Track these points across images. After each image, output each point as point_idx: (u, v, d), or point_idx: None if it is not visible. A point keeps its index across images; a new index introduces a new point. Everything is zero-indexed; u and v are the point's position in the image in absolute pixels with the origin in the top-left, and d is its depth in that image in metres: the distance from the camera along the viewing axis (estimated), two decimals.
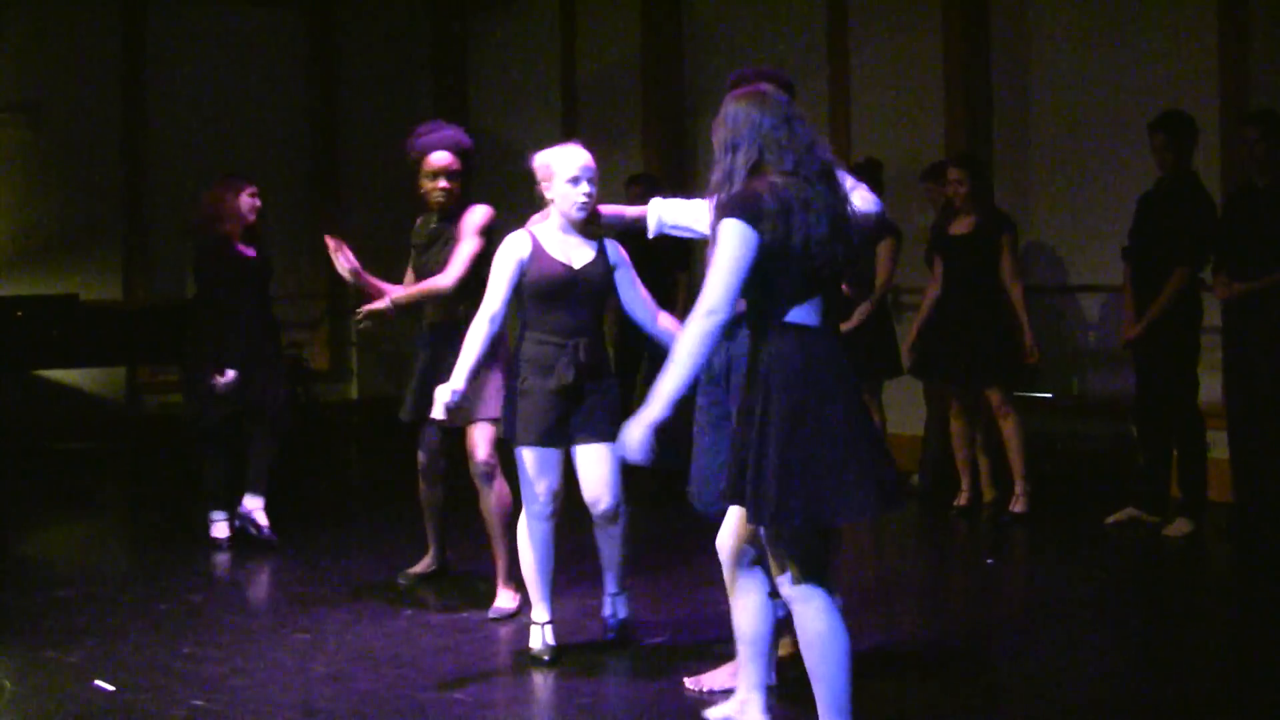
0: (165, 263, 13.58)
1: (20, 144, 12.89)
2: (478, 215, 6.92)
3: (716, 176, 4.58)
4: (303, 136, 14.38)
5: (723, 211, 4.46)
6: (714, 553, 5.12)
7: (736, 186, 4.51)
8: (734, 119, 4.59)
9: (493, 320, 5.92)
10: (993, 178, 9.86)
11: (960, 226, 9.02)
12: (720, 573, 5.12)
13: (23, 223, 12.84)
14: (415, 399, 6.95)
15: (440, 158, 7.01)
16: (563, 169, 5.86)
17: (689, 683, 5.62)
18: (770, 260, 4.43)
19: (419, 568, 7.50)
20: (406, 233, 7.46)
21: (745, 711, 5.04)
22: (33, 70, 12.96)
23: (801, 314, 4.49)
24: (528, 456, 5.95)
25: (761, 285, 4.48)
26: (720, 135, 4.61)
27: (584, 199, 5.84)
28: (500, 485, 6.77)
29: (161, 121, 13.49)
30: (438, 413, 5.86)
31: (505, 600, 6.78)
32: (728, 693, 5.29)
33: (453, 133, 7.12)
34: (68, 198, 13.07)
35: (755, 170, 4.52)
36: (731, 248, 4.41)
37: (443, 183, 7.01)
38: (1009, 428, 8.93)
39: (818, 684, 4.57)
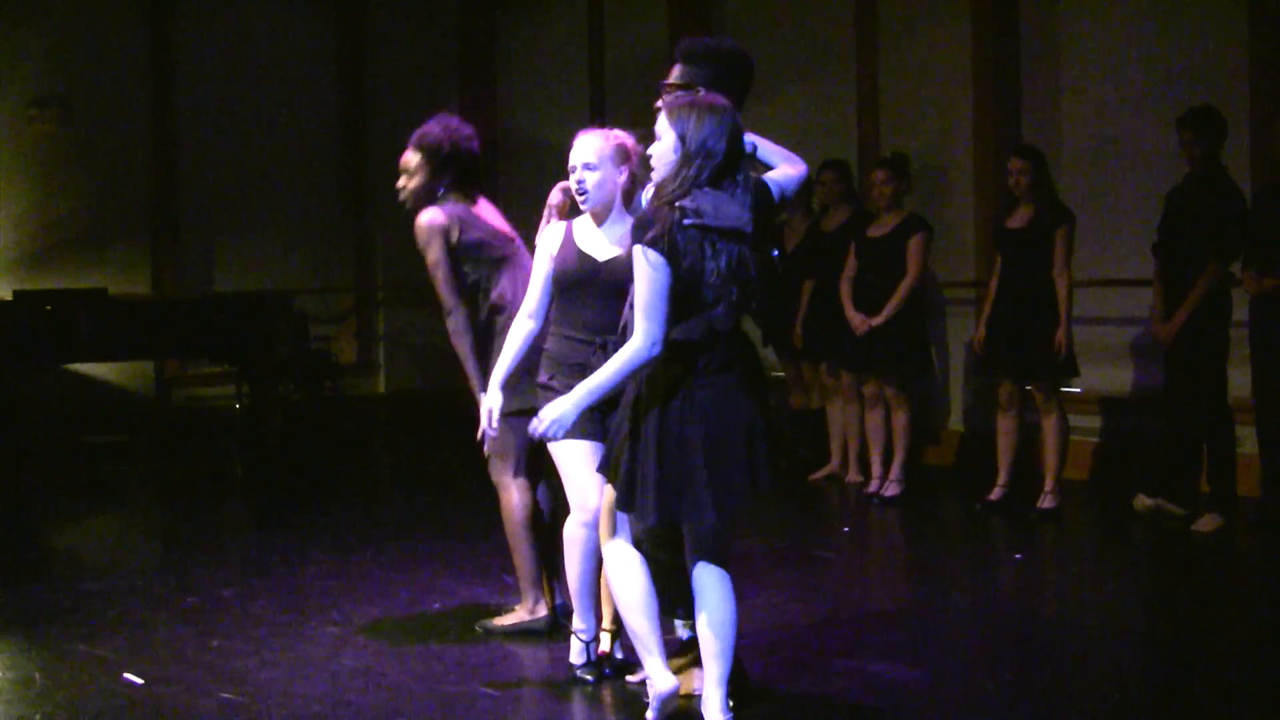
0: (194, 257, 13.63)
1: (50, 138, 12.93)
2: (419, 232, 6.44)
3: (667, 178, 4.82)
4: (331, 130, 14.41)
5: (648, 241, 4.73)
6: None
7: (679, 198, 4.75)
8: (702, 126, 4.80)
9: (532, 317, 5.75)
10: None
11: (1017, 219, 8.96)
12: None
13: (52, 217, 12.88)
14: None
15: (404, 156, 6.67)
16: (571, 158, 5.64)
17: (631, 679, 5.66)
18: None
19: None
20: None
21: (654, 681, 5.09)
22: (62, 65, 12.99)
23: (682, 331, 4.81)
24: (563, 451, 5.64)
25: None
26: (683, 130, 4.81)
27: (577, 189, 5.62)
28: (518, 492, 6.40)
29: (190, 116, 13.53)
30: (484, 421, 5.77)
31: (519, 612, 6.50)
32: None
33: (427, 125, 6.67)
34: (97, 192, 13.11)
35: (695, 185, 4.77)
36: (655, 279, 4.73)
37: (400, 180, 6.72)
38: (1050, 424, 8.90)
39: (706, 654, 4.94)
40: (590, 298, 5.64)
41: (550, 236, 5.77)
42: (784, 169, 5.20)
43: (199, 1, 13.64)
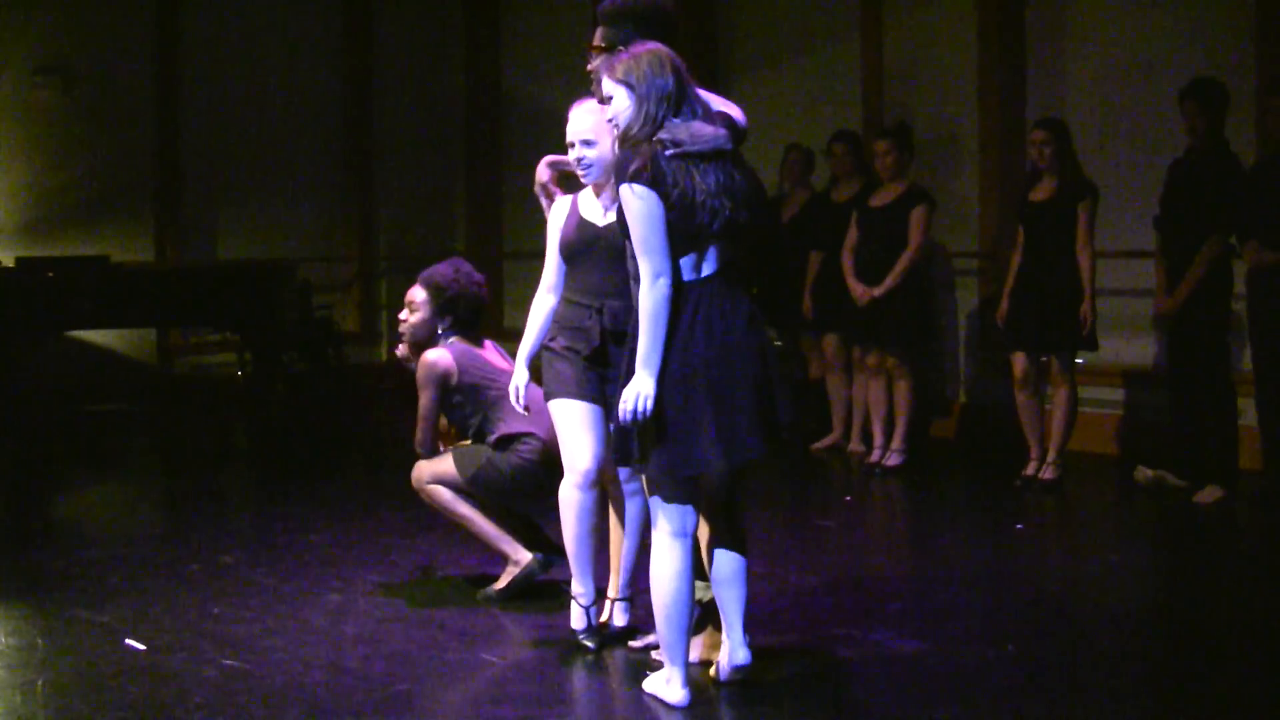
0: (197, 225, 13.62)
1: (54, 107, 12.90)
2: (421, 370, 6.50)
3: (631, 122, 4.85)
4: (335, 98, 14.38)
5: (631, 176, 4.74)
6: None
7: (650, 135, 4.80)
8: (642, 67, 4.87)
9: (551, 291, 5.72)
10: (1024, 141, 9.83)
11: (1040, 193, 8.92)
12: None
13: (55, 184, 12.86)
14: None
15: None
16: (568, 134, 5.63)
17: (634, 643, 5.68)
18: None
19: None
20: (440, 193, 7.34)
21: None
22: (66, 33, 12.96)
23: (684, 268, 4.81)
24: (560, 410, 5.64)
25: None
26: (628, 79, 4.87)
27: (578, 165, 5.60)
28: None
29: (194, 84, 13.51)
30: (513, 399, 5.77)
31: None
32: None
33: (439, 265, 6.73)
34: (100, 160, 13.09)
35: (660, 120, 4.82)
36: (646, 211, 4.73)
37: (401, 313, 6.77)
38: (1061, 396, 8.89)
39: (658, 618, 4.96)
40: (592, 262, 5.62)
41: (558, 210, 5.77)
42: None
43: None
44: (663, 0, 5.47)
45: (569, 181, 5.83)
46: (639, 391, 4.74)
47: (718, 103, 5.17)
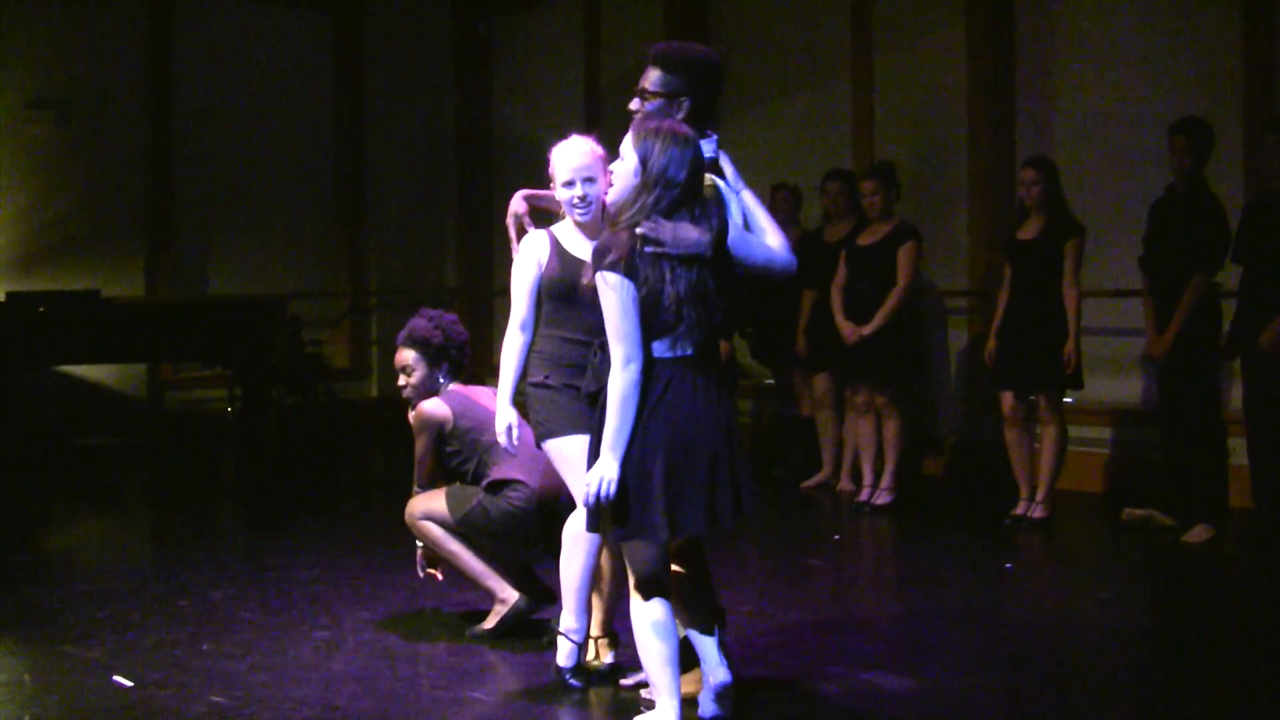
0: (188, 259, 13.64)
1: (46, 140, 12.93)
2: (418, 418, 6.54)
3: (624, 201, 4.87)
4: (328, 135, 14.43)
5: (608, 265, 4.78)
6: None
7: (636, 225, 4.80)
8: (666, 153, 4.84)
9: (524, 328, 5.72)
10: (1014, 180, 9.88)
11: (1027, 231, 8.97)
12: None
13: (47, 218, 12.88)
14: None
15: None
16: (559, 171, 5.63)
17: (624, 681, 5.68)
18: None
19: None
20: (431, 228, 7.38)
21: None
22: (60, 67, 13.00)
23: (658, 348, 4.85)
24: (566, 447, 5.56)
25: None
26: (645, 154, 4.86)
27: (578, 203, 5.62)
28: None
29: (187, 119, 13.54)
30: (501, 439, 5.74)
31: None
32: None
33: (412, 321, 6.73)
34: (92, 194, 13.11)
35: (653, 212, 4.82)
36: (620, 301, 4.78)
37: (399, 379, 6.70)
38: (1049, 435, 8.91)
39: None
40: (585, 301, 5.47)
41: (535, 245, 5.75)
42: (769, 240, 5.16)
43: (196, 5, 13.65)
44: (715, 56, 5.42)
45: (539, 216, 5.85)
46: (603, 476, 4.80)
47: (769, 223, 5.17)
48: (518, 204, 5.91)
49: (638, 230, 4.80)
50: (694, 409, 4.87)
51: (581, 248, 5.64)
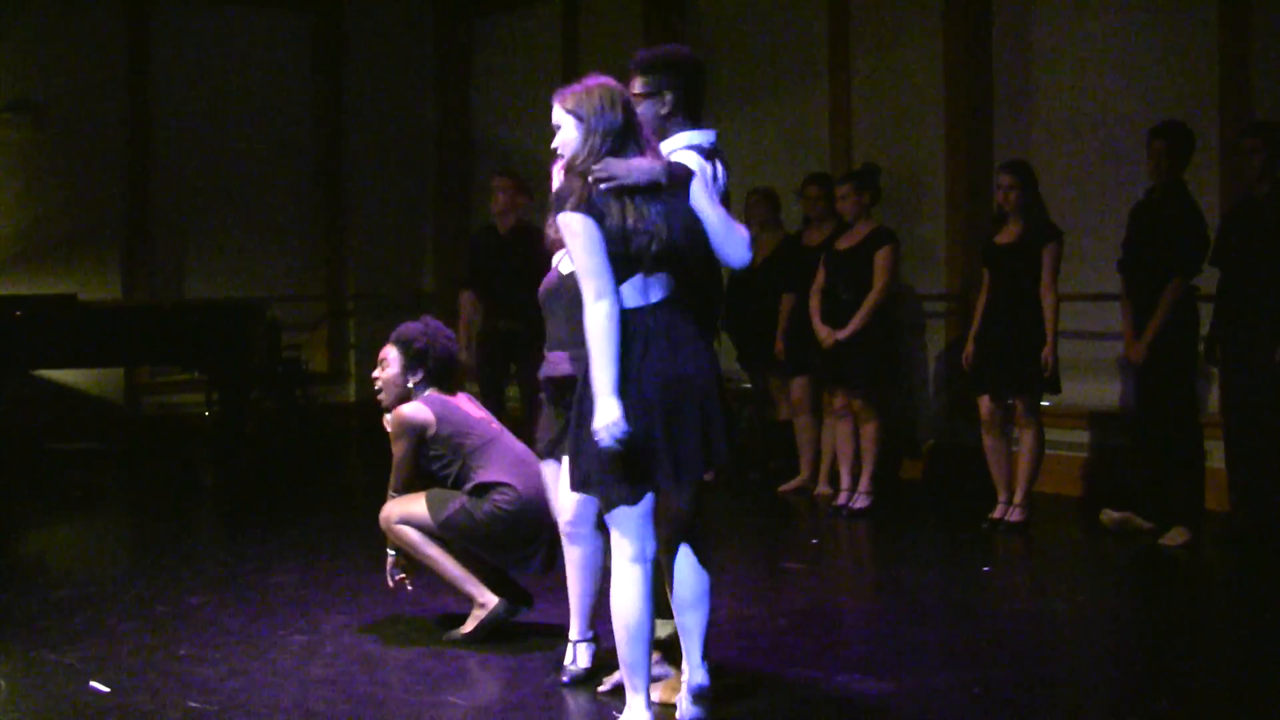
0: (166, 263, 13.61)
1: (23, 143, 12.90)
2: (397, 422, 6.53)
3: (574, 153, 4.96)
4: (307, 138, 14.42)
5: (568, 208, 4.82)
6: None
7: (587, 169, 4.87)
8: (594, 101, 4.98)
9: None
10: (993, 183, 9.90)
11: (1005, 235, 8.98)
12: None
13: (24, 222, 12.85)
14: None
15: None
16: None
17: (602, 688, 5.66)
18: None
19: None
20: (409, 232, 7.39)
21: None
22: (37, 69, 12.97)
23: (629, 295, 4.85)
24: (551, 472, 5.83)
25: None
26: (578, 110, 4.99)
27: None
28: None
29: (165, 122, 13.53)
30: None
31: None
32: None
33: (408, 323, 6.78)
34: (70, 197, 13.09)
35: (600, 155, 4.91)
36: (584, 238, 4.79)
37: (375, 371, 6.73)
38: (1027, 438, 8.93)
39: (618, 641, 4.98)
40: (565, 311, 5.53)
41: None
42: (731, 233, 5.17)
43: (175, 8, 13.63)
44: (689, 50, 5.58)
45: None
46: (608, 418, 4.73)
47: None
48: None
49: (591, 170, 4.86)
50: (676, 359, 4.86)
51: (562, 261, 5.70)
